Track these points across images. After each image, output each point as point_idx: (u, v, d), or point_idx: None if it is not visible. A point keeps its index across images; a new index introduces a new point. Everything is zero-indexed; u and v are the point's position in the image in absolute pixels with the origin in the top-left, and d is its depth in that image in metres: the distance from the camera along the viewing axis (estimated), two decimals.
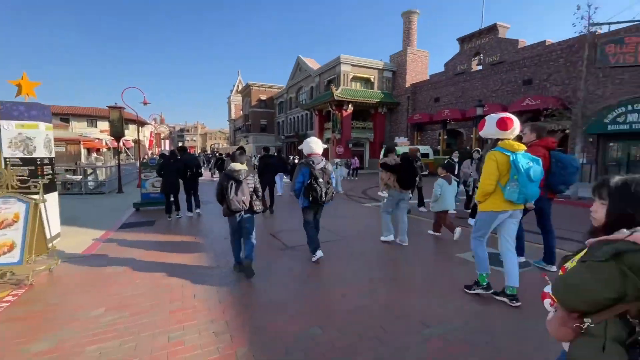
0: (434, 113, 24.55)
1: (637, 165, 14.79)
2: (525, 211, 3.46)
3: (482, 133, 3.14)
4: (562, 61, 17.49)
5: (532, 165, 2.89)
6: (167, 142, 36.46)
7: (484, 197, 3.02)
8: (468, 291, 3.24)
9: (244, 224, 3.83)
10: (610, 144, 15.97)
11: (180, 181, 7.36)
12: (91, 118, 33.67)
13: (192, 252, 4.74)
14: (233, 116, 62.11)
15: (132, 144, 32.43)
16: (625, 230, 1.10)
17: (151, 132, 27.27)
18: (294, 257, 4.50)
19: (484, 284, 3.16)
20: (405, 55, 29.02)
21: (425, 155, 20.21)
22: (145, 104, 13.47)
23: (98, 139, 27.57)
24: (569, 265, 1.25)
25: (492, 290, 3.17)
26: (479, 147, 7.39)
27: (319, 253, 4.22)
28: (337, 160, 11.95)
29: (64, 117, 31.73)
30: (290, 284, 3.62)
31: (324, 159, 4.24)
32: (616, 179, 1.21)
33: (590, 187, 1.41)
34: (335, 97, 25.67)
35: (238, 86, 62.62)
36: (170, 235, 5.81)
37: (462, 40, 23.71)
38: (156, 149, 26.84)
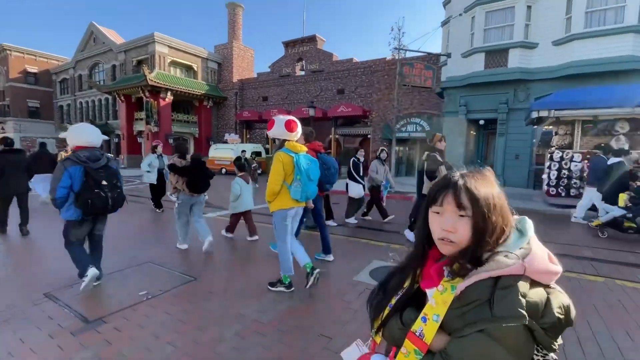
0: (263, 112, 24.57)
1: (412, 163, 19.69)
2: (306, 210, 3.67)
3: (271, 133, 3.17)
4: (364, 78, 21.13)
5: (310, 166, 3.15)
6: None
7: (272, 196, 3.11)
8: (271, 288, 3.24)
9: None
10: (397, 148, 20.62)
11: None
12: None
13: None
14: None
15: None
16: (506, 256, 0.72)
17: None
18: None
19: (286, 282, 3.24)
20: (231, 48, 27.64)
21: (258, 153, 19.75)
22: None
23: None
24: (426, 330, 0.74)
25: (292, 289, 3.24)
26: (384, 147, 7.12)
27: (92, 271, 3.02)
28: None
29: None
30: None
31: (106, 154, 3.31)
32: (469, 177, 0.79)
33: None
34: (149, 82, 21.21)
35: None
36: None
37: (286, 45, 24.71)
38: None
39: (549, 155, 8.59)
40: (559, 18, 10.84)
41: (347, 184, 6.59)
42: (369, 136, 21.76)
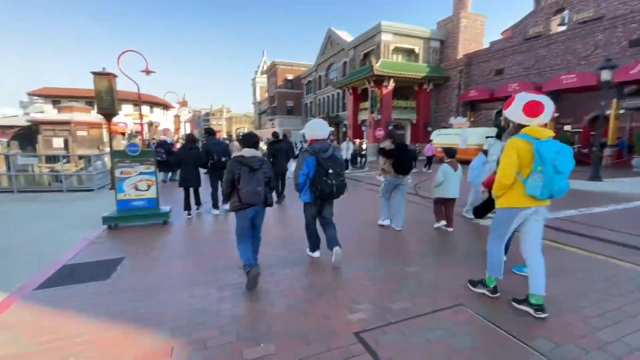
0: (496, 88, 20.27)
1: None
2: None
3: (507, 113, 2.66)
4: None
5: (560, 155, 2.35)
6: (189, 125, 34.24)
7: (501, 190, 2.62)
8: (472, 288, 2.92)
9: (256, 220, 3.21)
10: None
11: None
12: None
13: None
14: (258, 99, 59.38)
15: (142, 127, 30.34)
16: None
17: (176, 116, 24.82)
18: None
19: (491, 286, 2.82)
20: (457, 20, 24.46)
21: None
22: (147, 72, 10.60)
23: (123, 122, 25.13)
24: None
25: (498, 294, 2.80)
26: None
27: (317, 253, 3.71)
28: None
29: (74, 99, 29.89)
30: None
31: (332, 144, 3.60)
32: None
33: None
34: (375, 72, 21.87)
35: (263, 66, 59.51)
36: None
37: None
38: (172, 132, 24.41)
39: None
40: None
41: None
42: None
